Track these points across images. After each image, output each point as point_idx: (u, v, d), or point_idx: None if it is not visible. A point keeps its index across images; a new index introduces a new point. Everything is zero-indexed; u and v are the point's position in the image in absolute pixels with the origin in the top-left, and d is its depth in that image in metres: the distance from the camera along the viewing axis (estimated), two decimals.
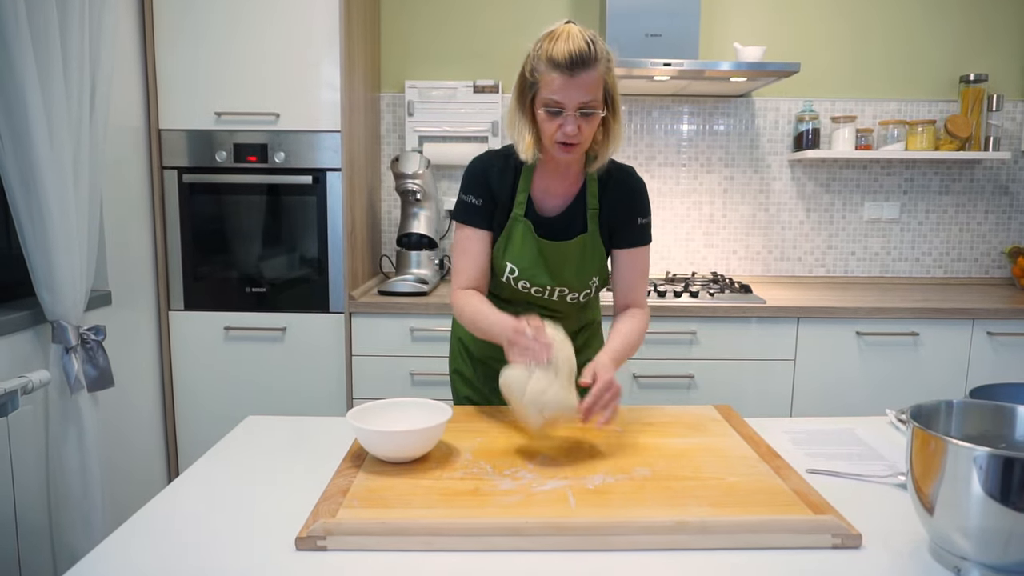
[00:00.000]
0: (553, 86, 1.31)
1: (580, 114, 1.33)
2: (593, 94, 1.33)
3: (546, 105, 1.34)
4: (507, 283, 1.52)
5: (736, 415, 1.46)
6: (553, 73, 1.31)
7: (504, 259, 1.50)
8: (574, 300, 1.55)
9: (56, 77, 1.78)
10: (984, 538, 0.86)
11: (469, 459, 1.21)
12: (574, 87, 1.31)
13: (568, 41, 1.30)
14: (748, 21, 2.98)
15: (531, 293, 1.52)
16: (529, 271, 1.49)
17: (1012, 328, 2.48)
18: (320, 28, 2.43)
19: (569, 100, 1.32)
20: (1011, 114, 3.02)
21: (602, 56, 1.33)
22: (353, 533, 0.94)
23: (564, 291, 1.52)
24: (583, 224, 1.50)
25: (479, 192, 1.49)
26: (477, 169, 1.51)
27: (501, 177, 1.49)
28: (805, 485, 1.10)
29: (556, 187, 1.50)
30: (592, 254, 1.50)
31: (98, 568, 0.92)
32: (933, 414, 1.00)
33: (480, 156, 1.53)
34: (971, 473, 0.85)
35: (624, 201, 1.50)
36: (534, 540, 0.95)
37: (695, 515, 1.00)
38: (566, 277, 1.50)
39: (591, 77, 1.31)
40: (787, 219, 3.09)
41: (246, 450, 1.31)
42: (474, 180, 1.50)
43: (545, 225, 1.49)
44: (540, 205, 1.50)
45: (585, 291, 1.53)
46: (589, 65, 1.31)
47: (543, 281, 1.50)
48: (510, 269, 1.50)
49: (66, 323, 1.86)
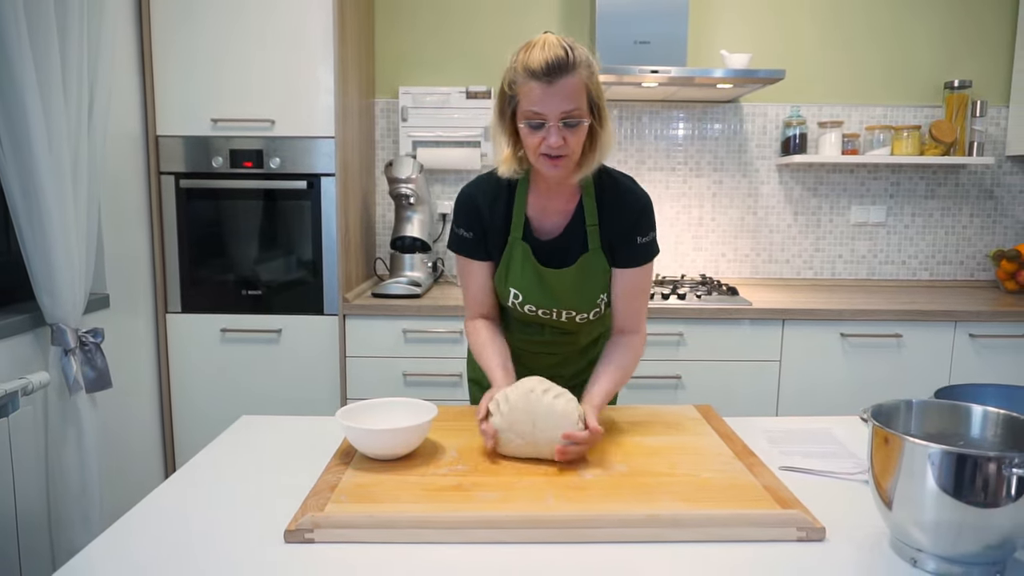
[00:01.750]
0: (532, 96, 1.26)
1: (564, 124, 1.27)
2: (575, 102, 1.27)
3: (527, 118, 1.28)
4: (513, 307, 1.50)
5: (715, 414, 1.50)
6: (531, 83, 1.26)
7: (507, 285, 1.47)
8: (583, 320, 1.51)
9: (55, 85, 1.83)
10: (938, 531, 0.90)
11: (454, 456, 1.26)
12: (554, 95, 1.25)
13: (544, 49, 1.25)
14: (736, 28, 3.03)
15: (539, 315, 1.50)
16: (532, 296, 1.46)
17: (993, 330, 2.54)
18: (314, 36, 2.48)
19: (550, 110, 1.26)
20: (995, 119, 3.07)
21: (581, 61, 1.27)
22: (340, 526, 0.99)
23: (571, 313, 1.49)
24: (583, 243, 1.44)
25: (469, 225, 1.46)
26: (466, 201, 1.47)
27: (493, 204, 1.45)
28: (776, 481, 1.15)
29: (552, 205, 1.45)
30: (595, 274, 1.45)
31: (94, 562, 0.96)
32: (893, 413, 1.05)
33: (469, 184, 1.49)
34: (926, 469, 0.89)
35: (622, 219, 1.43)
36: (513, 533, 1.00)
37: (667, 509, 1.05)
38: (570, 301, 1.47)
39: (571, 84, 1.25)
40: (775, 223, 3.14)
41: (239, 449, 1.36)
42: (463, 212, 1.47)
43: (545, 250, 1.45)
44: (538, 226, 1.46)
45: (594, 310, 1.49)
46: (568, 71, 1.25)
47: (548, 305, 1.47)
48: (514, 295, 1.47)
49: (65, 326, 1.90)
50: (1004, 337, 2.54)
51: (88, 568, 0.94)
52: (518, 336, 1.59)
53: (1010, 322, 2.53)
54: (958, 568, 0.92)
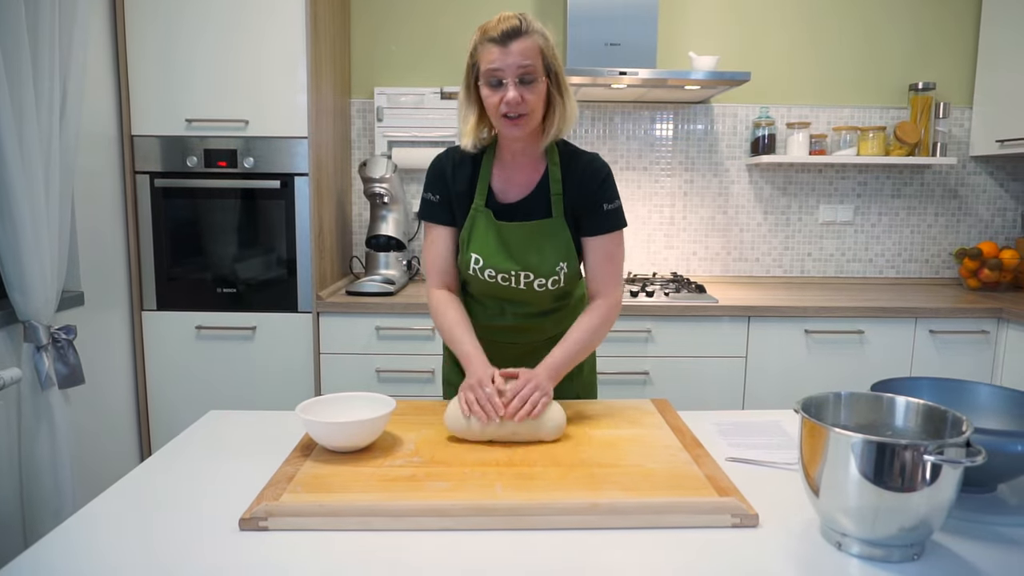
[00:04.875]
0: (491, 57, 1.40)
1: (520, 81, 1.40)
2: (531, 59, 1.40)
3: (486, 77, 1.41)
4: (474, 276, 1.54)
5: (670, 408, 1.55)
6: (489, 45, 1.40)
7: (468, 251, 1.53)
8: (542, 287, 1.54)
9: (26, 84, 1.85)
10: (860, 515, 0.95)
11: (411, 449, 1.30)
12: (509, 54, 1.39)
13: (500, 20, 1.40)
14: (704, 30, 3.08)
15: (498, 282, 1.53)
16: (492, 258, 1.51)
17: (952, 327, 2.60)
18: (288, 37, 2.51)
19: (506, 66, 1.39)
20: (958, 121, 3.14)
21: (535, 29, 1.42)
22: (292, 514, 1.03)
23: (529, 276, 1.52)
24: (547, 210, 1.52)
25: (436, 188, 1.55)
26: (435, 166, 1.57)
27: (458, 171, 1.54)
28: (718, 471, 1.20)
29: (517, 176, 1.53)
30: (556, 238, 1.51)
31: (55, 549, 0.99)
32: (823, 405, 1.10)
33: (440, 154, 1.59)
34: (849, 457, 0.94)
35: (587, 186, 1.51)
36: (460, 520, 1.04)
37: (610, 498, 1.09)
38: (529, 261, 1.51)
39: (526, 44, 1.39)
40: (745, 221, 3.19)
41: (205, 442, 1.39)
42: (432, 177, 1.56)
43: (506, 211, 1.53)
44: (501, 196, 1.54)
45: (553, 277, 1.53)
46: (522, 34, 1.39)
47: (506, 266, 1.51)
48: (475, 260, 1.52)
49: (37, 323, 1.93)
50: (962, 333, 2.61)
51: (49, 555, 0.97)
52: (482, 324, 1.62)
53: (968, 318, 2.60)
54: (879, 550, 0.97)
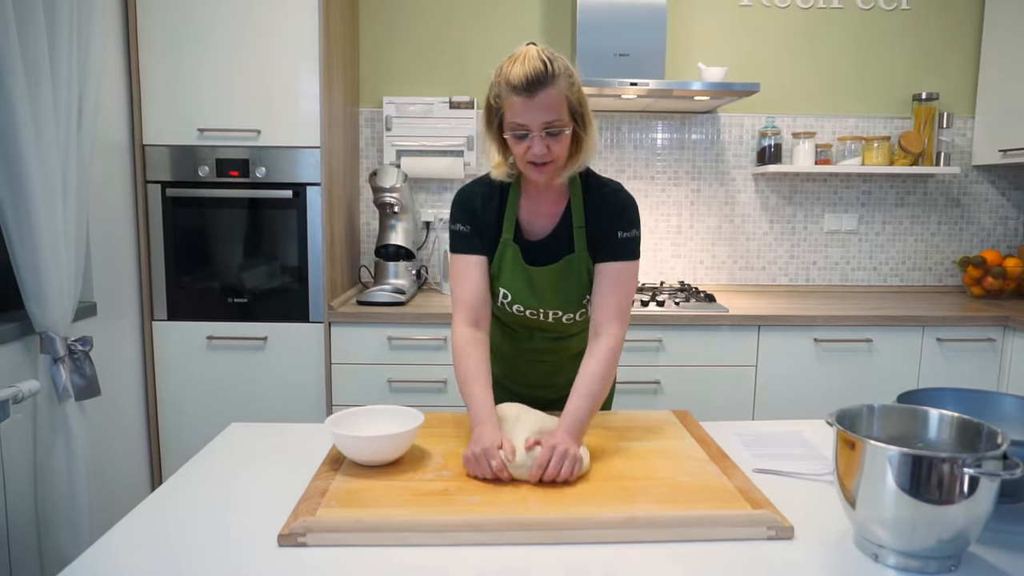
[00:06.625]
0: (515, 109, 1.34)
1: (547, 134, 1.35)
2: (556, 113, 1.34)
3: (511, 129, 1.37)
4: (502, 308, 1.54)
5: (692, 419, 1.56)
6: (513, 96, 1.33)
7: (497, 285, 1.52)
8: (570, 320, 1.55)
9: (45, 95, 1.85)
10: (897, 527, 0.96)
11: (440, 462, 1.30)
12: (535, 108, 1.33)
13: (524, 63, 1.32)
14: (712, 41, 3.11)
15: (527, 316, 1.54)
16: (520, 295, 1.51)
17: (959, 335, 2.62)
18: (300, 47, 2.51)
19: (532, 121, 1.34)
20: (961, 130, 3.17)
21: (561, 73, 1.34)
22: (331, 530, 1.03)
23: (557, 314, 1.53)
24: (570, 245, 1.50)
25: (466, 219, 1.51)
26: (462, 198, 1.53)
27: (486, 204, 1.51)
28: (748, 483, 1.21)
29: (542, 207, 1.51)
30: (579, 274, 1.50)
31: (86, 573, 0.97)
32: (857, 417, 1.11)
33: (465, 186, 1.55)
34: (886, 470, 0.95)
35: (605, 214, 1.49)
36: (496, 535, 1.04)
37: (644, 511, 1.10)
38: (555, 301, 1.51)
39: (551, 96, 1.33)
40: (751, 230, 3.21)
41: (229, 456, 1.39)
42: (460, 208, 1.52)
43: (533, 250, 1.50)
44: (528, 228, 1.52)
45: (580, 311, 1.53)
46: (547, 84, 1.32)
47: (535, 305, 1.51)
48: (503, 295, 1.52)
49: (54, 334, 1.92)
50: (969, 341, 2.62)
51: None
52: (511, 344, 1.65)
53: (975, 326, 2.62)
54: (916, 562, 0.98)
